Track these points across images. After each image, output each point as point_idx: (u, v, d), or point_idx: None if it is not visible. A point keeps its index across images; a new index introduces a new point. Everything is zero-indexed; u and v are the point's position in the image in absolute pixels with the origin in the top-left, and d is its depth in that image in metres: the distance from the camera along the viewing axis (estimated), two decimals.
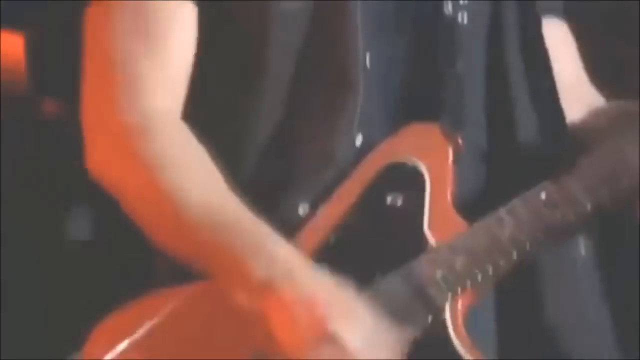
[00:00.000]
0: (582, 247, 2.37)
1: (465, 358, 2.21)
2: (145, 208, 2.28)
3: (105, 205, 2.33)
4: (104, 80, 2.33)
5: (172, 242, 2.27)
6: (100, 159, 2.32)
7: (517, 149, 2.38)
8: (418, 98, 2.38)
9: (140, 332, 2.27)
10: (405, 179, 2.30)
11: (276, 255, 2.16)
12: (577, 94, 2.54)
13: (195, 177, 2.27)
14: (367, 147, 2.30)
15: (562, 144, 2.42)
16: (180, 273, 2.21)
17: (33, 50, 4.96)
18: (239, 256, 2.17)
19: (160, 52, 2.32)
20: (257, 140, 2.33)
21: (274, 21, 2.31)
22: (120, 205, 2.27)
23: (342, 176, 2.28)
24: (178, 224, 2.24)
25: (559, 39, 2.53)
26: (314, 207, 2.24)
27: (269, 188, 2.29)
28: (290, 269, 2.15)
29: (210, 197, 2.25)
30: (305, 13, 2.33)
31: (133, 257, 2.76)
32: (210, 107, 2.37)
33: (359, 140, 2.29)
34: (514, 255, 2.22)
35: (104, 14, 2.34)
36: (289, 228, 2.21)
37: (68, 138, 2.48)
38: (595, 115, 2.52)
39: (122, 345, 2.23)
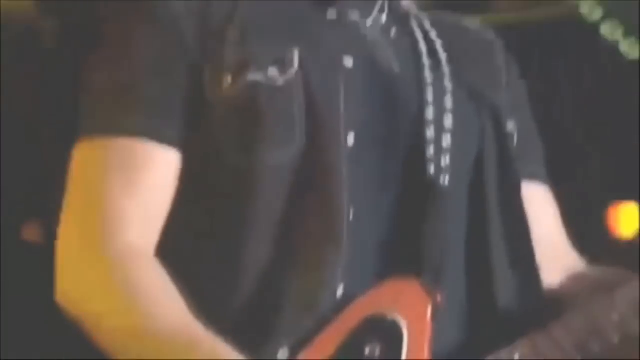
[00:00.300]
0: None
1: None
2: (112, 335, 2.30)
3: None
4: (84, 215, 2.37)
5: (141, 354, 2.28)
6: (72, 288, 2.35)
7: (495, 309, 2.40)
8: (400, 253, 2.39)
9: None
10: (384, 331, 2.30)
11: None
12: (557, 257, 2.58)
13: (163, 308, 2.28)
14: (348, 298, 2.31)
15: (537, 308, 2.44)
16: None
17: None
18: None
19: (139, 192, 2.35)
20: (240, 287, 2.34)
21: (261, 174, 2.33)
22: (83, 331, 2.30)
23: (322, 324, 2.29)
24: (143, 349, 2.27)
25: (540, 202, 2.57)
26: (293, 353, 2.24)
27: (251, 331, 2.29)
28: None
29: (176, 325, 2.26)
30: (293, 167, 2.35)
31: None
32: (195, 255, 2.39)
33: (340, 290, 2.29)
34: None
35: (90, 149, 2.38)
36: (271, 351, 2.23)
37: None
38: (575, 279, 2.56)
39: None
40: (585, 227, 2.71)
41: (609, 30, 2.49)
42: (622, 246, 2.82)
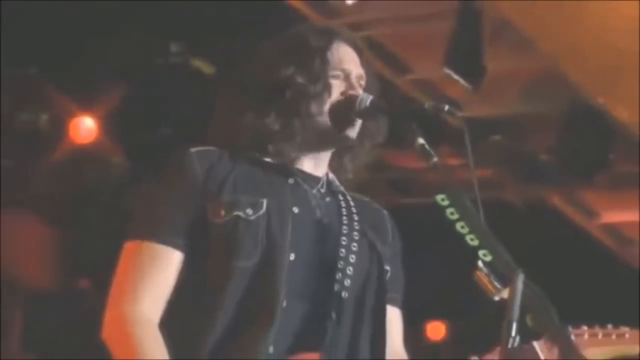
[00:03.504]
0: None
1: None
2: None
3: None
4: (119, 289, 2.86)
5: None
6: (107, 332, 2.85)
7: None
8: (311, 331, 2.83)
9: None
10: None
11: None
12: (394, 354, 3.03)
13: (153, 355, 2.76)
14: (276, 353, 2.77)
15: None
16: None
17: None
18: None
19: (152, 279, 2.84)
20: (211, 339, 2.79)
21: (233, 272, 2.81)
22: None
23: None
24: None
25: (394, 317, 3.05)
26: None
27: None
28: None
29: None
30: (253, 269, 2.80)
31: None
32: (187, 318, 2.83)
33: (271, 350, 2.77)
34: None
35: (128, 247, 2.88)
36: None
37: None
38: None
39: None
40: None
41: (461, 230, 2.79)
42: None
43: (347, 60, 3.03)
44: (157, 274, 2.86)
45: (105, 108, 7.15)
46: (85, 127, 7.25)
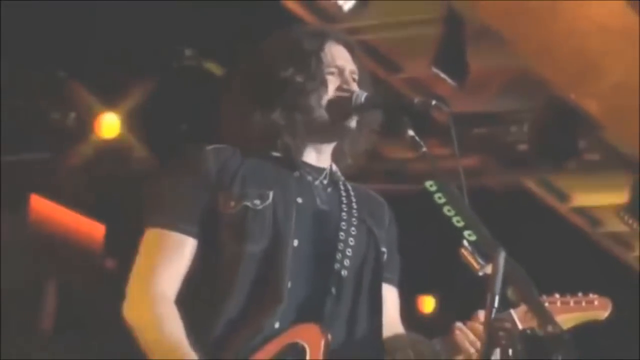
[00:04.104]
0: None
1: None
2: (147, 338, 2.80)
3: None
4: (140, 271, 2.87)
5: (155, 355, 2.78)
6: (128, 309, 2.86)
7: (358, 346, 2.89)
8: (313, 308, 2.83)
9: None
10: (297, 351, 2.77)
11: None
12: (392, 323, 3.05)
13: (170, 330, 2.76)
14: (282, 328, 2.78)
15: (378, 349, 2.95)
16: None
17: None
18: None
19: (169, 262, 2.84)
20: (223, 317, 2.79)
21: (243, 257, 2.81)
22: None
23: (265, 343, 2.77)
24: (157, 352, 2.77)
25: (391, 295, 3.06)
26: (247, 356, 2.75)
27: (225, 342, 2.78)
28: None
29: (177, 345, 2.75)
30: (261, 254, 2.81)
31: None
32: (201, 299, 2.85)
33: (276, 324, 2.78)
34: None
35: (148, 233, 2.89)
36: None
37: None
38: (396, 337, 3.03)
39: None
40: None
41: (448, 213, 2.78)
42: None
43: (339, 58, 3.01)
44: (173, 258, 2.85)
45: (127, 106, 7.13)
46: (109, 123, 7.23)
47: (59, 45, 6.42)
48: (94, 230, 7.32)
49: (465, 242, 2.72)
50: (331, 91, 2.96)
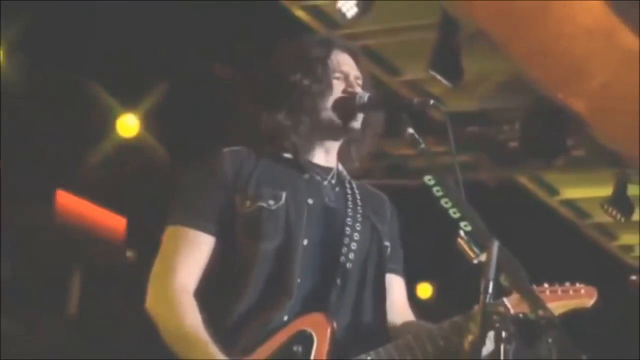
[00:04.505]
0: None
1: None
2: (166, 328, 2.79)
3: None
4: (162, 264, 2.86)
5: (173, 346, 2.77)
6: (150, 300, 2.85)
7: (363, 333, 2.88)
8: (319, 300, 2.82)
9: None
10: (304, 339, 2.78)
11: None
12: (400, 312, 3.04)
13: (188, 323, 2.75)
14: (290, 321, 2.78)
15: (382, 335, 2.91)
16: None
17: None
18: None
19: (188, 257, 2.83)
20: (238, 310, 2.79)
21: (258, 253, 2.81)
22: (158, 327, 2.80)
23: (274, 332, 2.77)
24: (176, 340, 2.77)
25: (396, 284, 3.06)
26: (257, 345, 2.76)
27: (237, 333, 2.78)
28: None
29: (194, 333, 2.75)
30: (274, 251, 2.80)
31: None
32: (218, 292, 2.83)
33: (285, 317, 2.78)
34: None
35: (169, 231, 2.88)
36: (241, 351, 2.74)
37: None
38: (407, 323, 3.01)
39: None
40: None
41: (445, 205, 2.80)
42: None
43: (345, 64, 3.00)
44: (193, 254, 2.84)
45: (145, 108, 7.14)
46: (129, 123, 7.25)
47: (85, 53, 6.44)
48: (115, 222, 7.32)
49: (461, 233, 2.71)
50: (337, 94, 2.94)
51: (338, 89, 2.95)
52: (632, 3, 6.18)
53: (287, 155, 2.96)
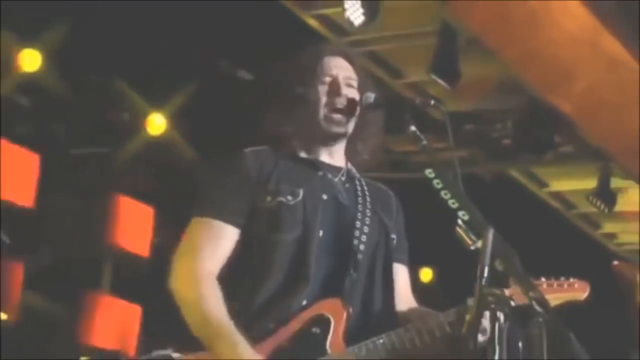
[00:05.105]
0: None
1: None
2: (190, 312, 2.77)
3: None
4: (185, 251, 2.83)
5: (196, 331, 2.74)
6: (174, 282, 2.81)
7: (374, 318, 2.87)
8: (335, 286, 2.83)
9: None
10: (322, 322, 2.79)
11: (241, 347, 2.68)
12: (405, 299, 3.02)
13: (214, 305, 2.73)
14: (308, 305, 2.78)
15: (391, 320, 2.90)
16: None
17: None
18: (225, 345, 2.69)
19: (214, 245, 2.81)
20: (259, 296, 2.79)
21: (278, 244, 2.81)
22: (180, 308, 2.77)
23: (294, 316, 2.77)
24: (200, 325, 2.74)
25: (402, 273, 3.04)
26: (277, 328, 2.77)
27: (259, 316, 2.77)
28: (244, 351, 2.67)
29: (217, 318, 2.73)
30: (293, 242, 2.80)
31: None
32: (240, 279, 2.83)
33: (304, 302, 2.78)
34: None
35: (194, 222, 2.86)
36: (264, 334, 2.74)
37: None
38: (411, 309, 3.01)
39: None
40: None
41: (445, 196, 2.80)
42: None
43: (334, 67, 2.96)
44: (217, 242, 2.82)
45: (172, 108, 7.13)
46: (157, 122, 7.24)
47: (116, 57, 6.43)
48: (144, 212, 7.32)
49: (459, 221, 2.69)
50: (324, 98, 2.91)
51: (324, 93, 2.92)
52: (615, 8, 6.19)
53: (303, 154, 2.95)
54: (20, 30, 6.18)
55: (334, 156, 2.97)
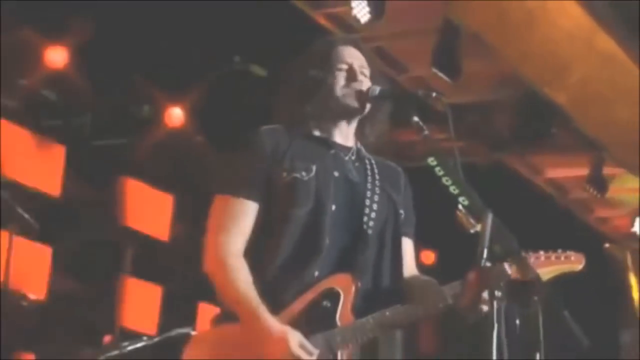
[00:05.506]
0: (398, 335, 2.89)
1: None
2: (221, 288, 2.78)
3: None
4: (213, 232, 2.82)
5: (228, 304, 2.77)
6: (207, 263, 2.81)
7: (383, 292, 2.85)
8: (345, 260, 2.81)
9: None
10: (332, 295, 2.78)
11: (264, 320, 2.70)
12: (409, 269, 2.99)
13: (241, 280, 2.75)
14: (320, 276, 2.77)
15: (399, 293, 2.88)
16: None
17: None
18: (252, 315, 2.73)
19: (237, 222, 2.81)
20: (275, 265, 2.78)
21: (293, 217, 2.79)
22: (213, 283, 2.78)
23: (306, 288, 2.76)
24: (232, 299, 2.76)
25: (408, 246, 3.01)
26: (292, 299, 2.76)
27: (275, 286, 2.77)
28: (270, 322, 2.70)
29: (245, 292, 2.74)
30: (306, 215, 2.78)
31: None
32: (259, 251, 2.81)
33: (316, 273, 2.78)
34: (375, 333, 2.76)
35: (217, 199, 2.84)
36: (278, 305, 2.73)
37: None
38: (414, 278, 2.98)
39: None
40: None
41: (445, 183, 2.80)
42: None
43: (348, 56, 2.96)
44: (240, 219, 2.81)
45: (191, 101, 7.13)
46: (175, 115, 7.25)
47: (137, 54, 6.45)
48: (163, 199, 7.34)
49: (460, 206, 2.69)
50: (342, 82, 2.91)
51: (342, 77, 2.92)
52: (609, 7, 6.17)
53: (317, 133, 2.93)
54: (47, 29, 6.18)
55: (346, 136, 2.95)
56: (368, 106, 2.94)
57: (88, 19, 6.00)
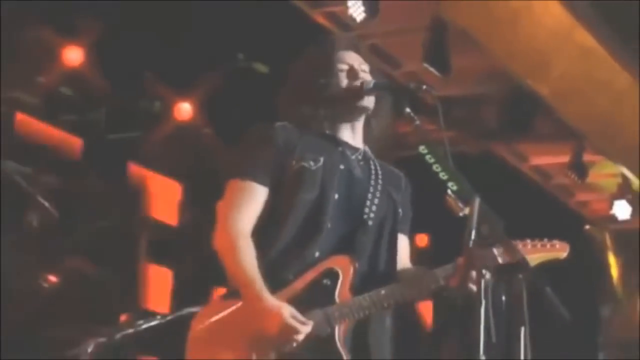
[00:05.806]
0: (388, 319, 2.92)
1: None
2: (230, 268, 2.78)
3: None
4: (225, 212, 2.83)
5: (233, 278, 2.77)
6: (218, 241, 2.82)
7: (378, 277, 2.85)
8: (345, 242, 2.84)
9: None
10: (332, 274, 2.81)
11: (265, 300, 2.72)
12: (403, 265, 3.01)
13: (247, 260, 2.76)
14: (321, 257, 2.80)
15: (393, 276, 2.91)
16: None
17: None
18: (253, 294, 2.75)
19: (247, 204, 2.83)
20: (280, 244, 2.81)
21: (299, 203, 2.82)
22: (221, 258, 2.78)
23: (308, 268, 2.79)
24: (238, 279, 2.77)
25: (403, 243, 3.03)
26: (294, 278, 2.79)
27: (277, 266, 2.79)
28: (267, 300, 2.71)
29: (251, 275, 2.75)
30: (311, 201, 2.81)
31: None
32: (265, 234, 2.82)
33: (317, 253, 2.81)
34: (371, 310, 2.77)
35: (231, 183, 2.86)
36: (280, 284, 2.76)
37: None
38: (406, 269, 3.01)
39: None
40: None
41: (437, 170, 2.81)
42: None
43: (348, 57, 2.96)
44: (250, 201, 2.82)
45: (198, 97, 7.10)
46: (184, 110, 7.24)
47: (148, 53, 6.43)
48: (173, 187, 7.34)
49: (449, 191, 2.70)
50: (344, 82, 2.91)
51: (344, 77, 2.92)
52: (589, 6, 6.16)
53: (327, 131, 2.94)
54: (64, 29, 6.20)
55: (355, 136, 2.96)
56: (372, 102, 2.96)
57: (102, 21, 6.02)
